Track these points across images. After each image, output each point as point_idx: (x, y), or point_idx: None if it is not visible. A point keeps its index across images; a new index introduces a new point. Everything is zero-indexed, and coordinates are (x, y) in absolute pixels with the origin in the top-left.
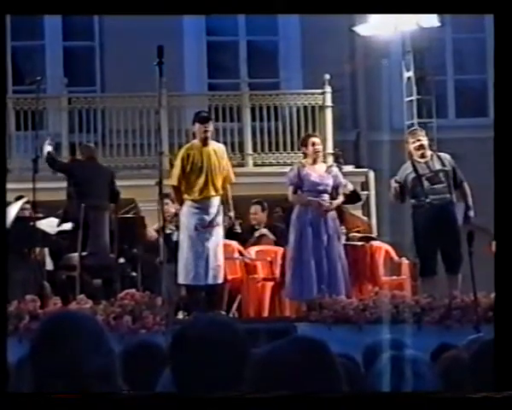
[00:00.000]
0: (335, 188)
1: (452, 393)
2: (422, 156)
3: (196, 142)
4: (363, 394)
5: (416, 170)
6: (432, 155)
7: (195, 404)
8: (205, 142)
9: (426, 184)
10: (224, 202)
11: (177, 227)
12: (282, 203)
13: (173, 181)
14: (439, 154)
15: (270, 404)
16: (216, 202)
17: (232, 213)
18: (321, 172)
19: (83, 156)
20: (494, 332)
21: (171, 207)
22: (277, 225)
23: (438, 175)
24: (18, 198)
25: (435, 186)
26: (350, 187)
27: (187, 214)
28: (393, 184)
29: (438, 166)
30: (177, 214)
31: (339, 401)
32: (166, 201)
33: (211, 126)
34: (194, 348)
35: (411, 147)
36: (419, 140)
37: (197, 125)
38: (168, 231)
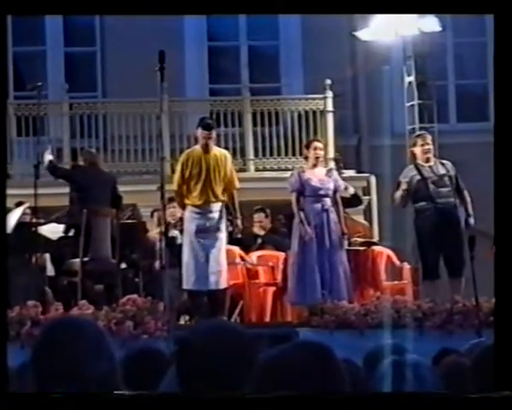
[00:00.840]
0: (335, 192)
1: (452, 394)
2: (427, 161)
3: (198, 147)
4: (364, 395)
5: (420, 173)
6: (435, 162)
7: (196, 405)
8: (206, 148)
9: (432, 187)
10: (229, 208)
11: (182, 232)
12: (284, 209)
13: (173, 186)
14: (442, 161)
15: (271, 404)
16: (217, 207)
17: (239, 220)
18: (321, 176)
19: (85, 162)
20: (494, 337)
21: (177, 212)
22: (281, 231)
23: (443, 179)
24: (18, 204)
25: (441, 189)
26: (351, 190)
27: (188, 219)
28: (404, 186)
29: (442, 171)
30: (181, 219)
31: (340, 401)
32: (174, 204)
33: (213, 134)
34: (202, 354)
35: (419, 150)
36: (428, 143)
37: (199, 131)
38: (172, 235)
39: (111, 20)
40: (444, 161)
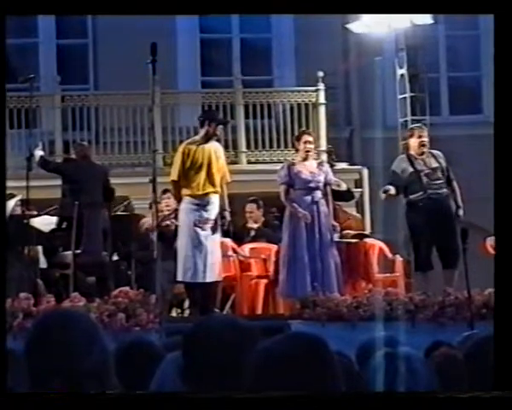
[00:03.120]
0: (325, 185)
1: (447, 392)
2: (421, 154)
3: (197, 138)
4: (360, 394)
5: (413, 165)
6: (427, 154)
7: (193, 404)
8: (208, 140)
9: (425, 179)
10: (220, 200)
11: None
12: (277, 202)
13: (173, 176)
14: (432, 151)
15: (269, 404)
16: (214, 199)
17: (227, 213)
18: (312, 168)
19: (77, 155)
20: (494, 329)
21: (172, 203)
22: (273, 224)
23: (436, 172)
24: (9, 196)
25: (434, 182)
26: (343, 187)
27: (186, 211)
28: (392, 191)
29: (434, 164)
30: (176, 210)
31: (336, 401)
32: (168, 195)
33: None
34: (210, 348)
35: (416, 142)
36: (425, 136)
37: (219, 127)
38: (166, 227)
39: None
40: (434, 152)
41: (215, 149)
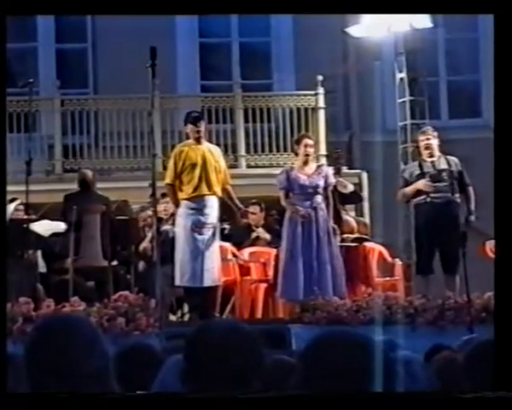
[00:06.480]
0: (326, 188)
1: (446, 393)
2: (430, 156)
3: (190, 141)
4: (360, 393)
5: (421, 168)
6: (439, 157)
7: (193, 404)
8: (198, 141)
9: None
10: (227, 202)
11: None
12: (276, 207)
13: (167, 180)
14: (447, 156)
15: (271, 404)
16: (211, 202)
17: (239, 213)
18: (310, 173)
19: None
20: (494, 333)
21: (170, 208)
22: (274, 228)
23: (441, 174)
24: (11, 200)
25: (437, 184)
26: (350, 188)
27: (183, 215)
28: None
29: (442, 166)
30: (173, 214)
31: (337, 400)
32: (167, 200)
33: (203, 126)
34: (214, 353)
35: (421, 145)
36: (428, 139)
37: (189, 126)
38: (164, 231)
39: (102, 16)
40: (449, 157)
41: (210, 149)
